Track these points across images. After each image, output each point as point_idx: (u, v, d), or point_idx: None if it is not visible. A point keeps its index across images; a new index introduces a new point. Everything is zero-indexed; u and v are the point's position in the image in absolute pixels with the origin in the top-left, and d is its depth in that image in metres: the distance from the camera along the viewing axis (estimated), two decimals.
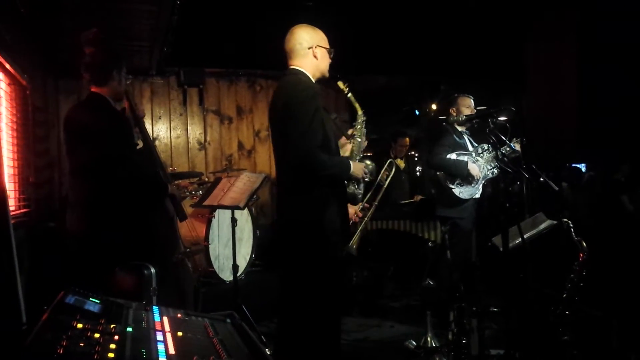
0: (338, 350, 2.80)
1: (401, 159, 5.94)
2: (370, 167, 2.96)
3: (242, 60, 6.06)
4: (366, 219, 3.42)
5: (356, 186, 2.91)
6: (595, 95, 5.05)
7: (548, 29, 5.65)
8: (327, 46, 2.79)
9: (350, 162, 2.75)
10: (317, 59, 2.73)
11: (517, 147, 4.00)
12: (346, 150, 2.97)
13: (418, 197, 5.69)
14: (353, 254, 3.39)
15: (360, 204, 3.36)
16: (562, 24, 5.50)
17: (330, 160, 2.60)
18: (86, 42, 2.82)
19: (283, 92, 2.70)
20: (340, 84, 2.92)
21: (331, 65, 2.86)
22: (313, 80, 2.75)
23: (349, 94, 2.92)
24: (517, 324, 3.11)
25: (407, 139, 6.03)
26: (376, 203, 3.47)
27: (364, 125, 2.98)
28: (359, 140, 2.95)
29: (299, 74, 2.71)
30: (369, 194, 3.49)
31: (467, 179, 4.20)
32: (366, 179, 2.88)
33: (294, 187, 2.66)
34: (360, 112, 2.97)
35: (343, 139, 3.01)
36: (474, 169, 4.18)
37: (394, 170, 3.61)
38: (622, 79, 4.82)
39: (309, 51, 2.71)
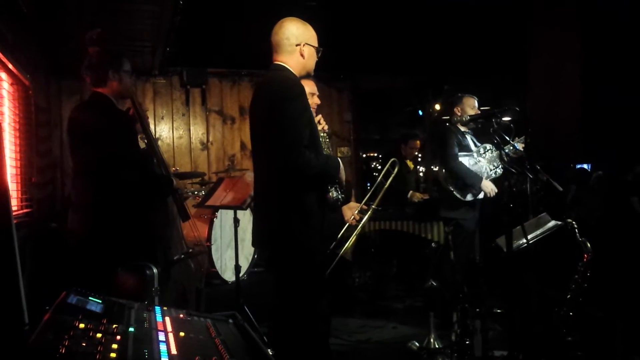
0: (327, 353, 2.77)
1: (411, 160, 5.94)
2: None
3: (244, 60, 6.06)
4: (363, 222, 3.26)
5: (339, 191, 2.79)
6: (599, 95, 5.03)
7: (550, 28, 5.64)
8: (316, 44, 2.63)
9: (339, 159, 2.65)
10: (303, 58, 2.58)
11: (521, 147, 3.99)
12: None
13: (420, 196, 5.66)
14: (348, 259, 3.32)
15: (359, 205, 3.22)
16: (565, 22, 5.49)
17: (316, 159, 2.45)
18: (90, 42, 2.82)
19: (268, 88, 2.56)
20: None
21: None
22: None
23: None
24: (521, 325, 3.10)
25: (418, 142, 6.02)
26: (374, 206, 3.31)
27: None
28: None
29: (284, 70, 2.57)
30: (368, 195, 3.40)
31: (478, 191, 4.20)
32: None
33: (280, 191, 2.50)
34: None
35: None
36: (487, 186, 4.17)
37: (396, 169, 3.51)
38: (626, 78, 4.80)
39: (297, 48, 2.56)
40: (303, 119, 2.43)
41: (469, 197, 4.24)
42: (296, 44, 2.56)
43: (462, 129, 4.39)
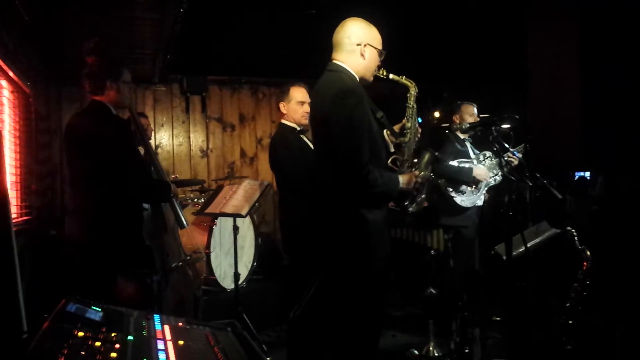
0: None
1: None
2: (424, 167, 2.60)
3: (244, 68, 6.07)
4: None
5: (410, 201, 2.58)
6: (599, 102, 5.04)
7: (550, 35, 5.66)
8: (380, 47, 2.54)
9: (399, 176, 2.48)
10: (364, 59, 2.48)
11: (521, 154, 4.00)
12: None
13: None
14: None
15: None
16: (564, 29, 5.51)
17: (381, 177, 2.36)
18: (87, 51, 2.83)
19: (326, 95, 2.41)
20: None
21: None
22: (358, 80, 2.51)
23: (390, 75, 2.63)
24: (520, 333, 3.09)
25: None
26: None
27: (414, 102, 2.68)
28: (409, 134, 2.64)
29: (342, 72, 2.46)
30: None
31: (474, 183, 4.19)
32: (418, 188, 2.56)
33: (339, 205, 2.41)
34: (412, 87, 2.68)
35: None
36: (479, 173, 4.17)
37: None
38: (626, 84, 4.81)
39: (357, 48, 2.46)
40: (362, 134, 2.31)
41: (467, 202, 4.23)
42: (357, 43, 2.47)
43: (462, 136, 4.41)
